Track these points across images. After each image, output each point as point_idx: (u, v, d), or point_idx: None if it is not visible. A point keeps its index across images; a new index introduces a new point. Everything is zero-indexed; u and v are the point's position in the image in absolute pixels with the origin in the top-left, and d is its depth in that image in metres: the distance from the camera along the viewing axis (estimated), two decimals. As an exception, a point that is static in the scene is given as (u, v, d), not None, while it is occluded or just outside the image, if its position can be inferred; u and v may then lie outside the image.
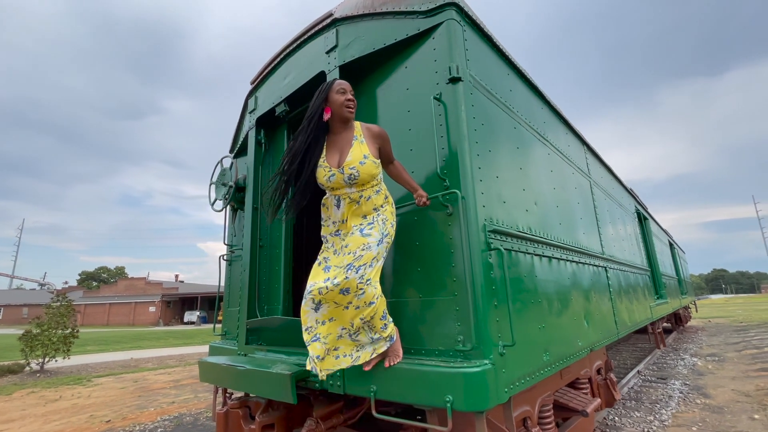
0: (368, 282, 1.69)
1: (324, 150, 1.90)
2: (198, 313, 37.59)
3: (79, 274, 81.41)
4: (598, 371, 3.77)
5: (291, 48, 2.89)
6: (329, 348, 1.74)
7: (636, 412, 4.44)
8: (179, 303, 43.46)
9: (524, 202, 2.32)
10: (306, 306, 1.73)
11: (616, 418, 4.28)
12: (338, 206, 1.89)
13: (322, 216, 1.99)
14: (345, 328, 1.74)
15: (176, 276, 55.84)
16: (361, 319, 1.71)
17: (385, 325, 1.78)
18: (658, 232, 8.69)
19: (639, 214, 6.70)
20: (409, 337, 1.90)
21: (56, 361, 9.36)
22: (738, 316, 17.38)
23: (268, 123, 3.19)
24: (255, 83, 3.26)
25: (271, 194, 1.92)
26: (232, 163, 3.29)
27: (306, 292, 1.73)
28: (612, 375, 3.90)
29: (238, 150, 3.56)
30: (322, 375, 1.70)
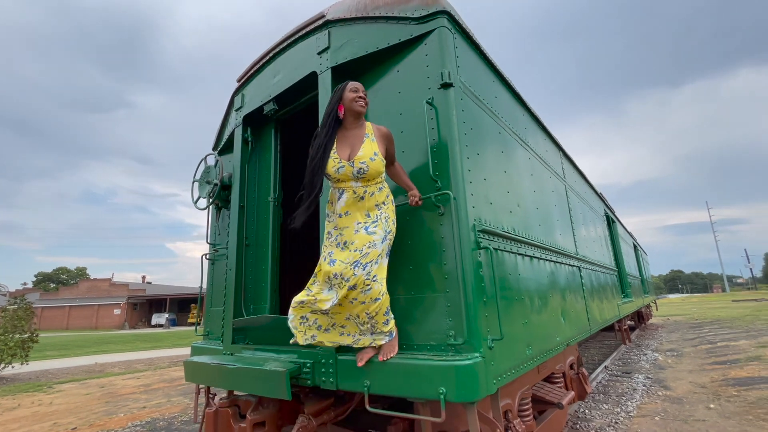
0: (374, 278, 1.78)
1: (335, 144, 1.99)
2: (167, 315, 36.15)
3: (35, 275, 76.45)
4: (571, 366, 3.96)
5: (281, 47, 2.89)
6: (336, 323, 1.89)
7: (604, 405, 4.68)
8: (147, 305, 41.68)
9: (508, 204, 2.43)
10: (321, 286, 1.87)
11: (587, 411, 4.50)
12: (339, 199, 1.96)
13: (327, 212, 2.06)
14: (351, 315, 1.85)
15: (143, 277, 53.56)
16: (366, 314, 1.79)
17: (387, 321, 1.86)
18: (624, 235, 9.18)
19: (608, 217, 7.06)
20: (400, 333, 1.96)
21: (13, 367, 8.80)
22: (693, 314, 18.54)
23: (255, 121, 3.17)
24: (242, 81, 3.23)
25: (308, 190, 1.90)
26: (217, 161, 3.24)
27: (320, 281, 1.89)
28: (584, 369, 4.11)
29: (223, 147, 3.51)
30: (318, 341, 1.90)
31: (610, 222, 7.30)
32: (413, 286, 1.95)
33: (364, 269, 1.76)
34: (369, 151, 1.91)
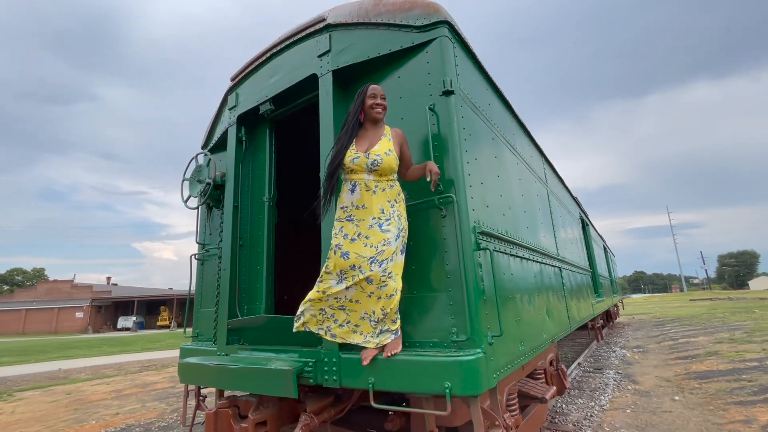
0: (390, 275, 1.86)
1: (355, 140, 2.10)
2: (134, 318, 34.63)
3: (-14, 277, 71.25)
4: (551, 362, 4.15)
5: (278, 48, 2.89)
6: (351, 321, 1.97)
7: (579, 399, 4.92)
8: (112, 308, 39.72)
9: (502, 207, 2.55)
10: (334, 282, 1.95)
11: (563, 406, 4.71)
12: (352, 191, 2.02)
13: (337, 205, 2.11)
14: (367, 313, 1.93)
15: (108, 278, 51.00)
16: (381, 309, 1.87)
17: (395, 319, 1.93)
18: (595, 237, 9.62)
19: (582, 220, 7.40)
20: (402, 331, 2.02)
21: (-33, 374, 8.21)
22: (656, 312, 19.58)
23: (249, 120, 3.15)
24: (236, 79, 3.20)
25: (326, 184, 2.03)
26: (209, 160, 3.19)
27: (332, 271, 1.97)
28: (562, 366, 4.31)
29: (214, 146, 3.46)
30: (330, 335, 2.00)
31: (584, 225, 7.66)
32: (415, 285, 2.02)
33: (380, 266, 1.85)
34: (385, 147, 2.03)
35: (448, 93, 2.12)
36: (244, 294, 2.88)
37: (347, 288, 1.91)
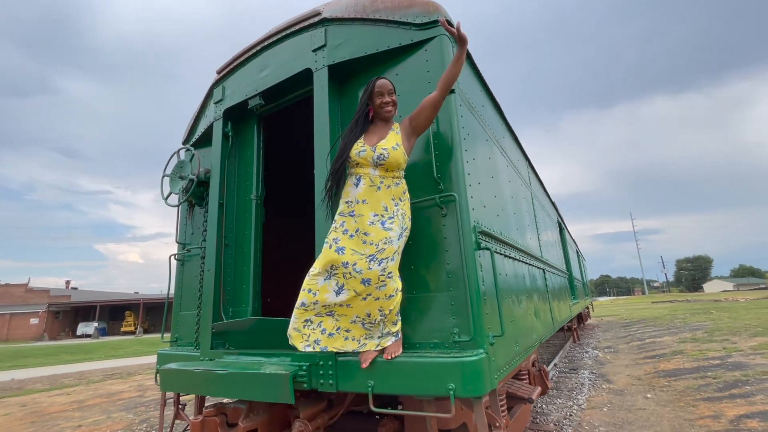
0: (390, 275, 1.79)
1: (364, 135, 2.06)
2: (96, 324, 32.74)
3: (-73, 280, 65.45)
4: (533, 363, 4.22)
5: (269, 41, 2.80)
6: (341, 327, 1.85)
7: (558, 399, 5.03)
8: (72, 313, 37.41)
9: (496, 208, 2.56)
10: (326, 285, 1.83)
11: (543, 406, 4.80)
12: (356, 185, 1.96)
13: (341, 199, 2.06)
14: (359, 317, 1.83)
15: (67, 282, 48.09)
16: (380, 311, 1.80)
17: (396, 321, 1.88)
18: (570, 241, 9.94)
19: (559, 224, 7.63)
20: (402, 333, 1.97)
21: None
22: (622, 314, 20.45)
23: (236, 115, 3.03)
24: (223, 72, 3.07)
25: (331, 178, 2.02)
26: (192, 155, 3.04)
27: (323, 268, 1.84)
28: (544, 366, 4.40)
29: (197, 141, 3.30)
30: (321, 347, 1.85)
31: (561, 229, 7.89)
32: (415, 285, 1.98)
33: (379, 265, 1.77)
34: (392, 141, 1.98)
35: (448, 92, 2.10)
36: (229, 296, 2.74)
37: (338, 293, 1.81)
